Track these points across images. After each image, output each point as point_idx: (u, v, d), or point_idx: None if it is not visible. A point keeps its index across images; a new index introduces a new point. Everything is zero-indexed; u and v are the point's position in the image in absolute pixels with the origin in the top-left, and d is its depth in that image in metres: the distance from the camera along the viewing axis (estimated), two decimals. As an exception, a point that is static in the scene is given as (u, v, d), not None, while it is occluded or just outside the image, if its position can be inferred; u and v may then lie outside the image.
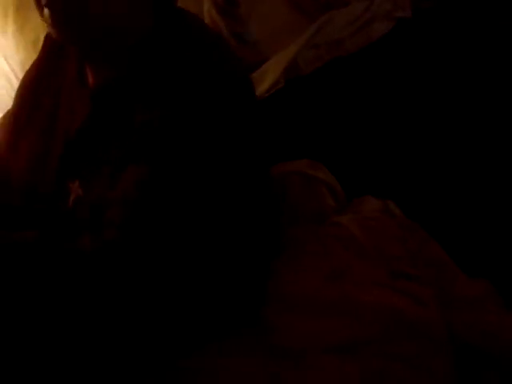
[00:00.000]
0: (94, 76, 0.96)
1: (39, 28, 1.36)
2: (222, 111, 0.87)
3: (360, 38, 1.60)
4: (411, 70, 1.53)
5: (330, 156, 1.30)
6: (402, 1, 1.70)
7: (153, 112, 0.86)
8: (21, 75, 1.37)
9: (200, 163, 0.85)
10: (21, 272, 0.81)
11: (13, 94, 1.37)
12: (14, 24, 1.37)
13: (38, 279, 0.81)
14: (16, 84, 1.36)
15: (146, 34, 0.91)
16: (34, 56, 1.35)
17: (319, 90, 1.50)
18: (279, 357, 0.93)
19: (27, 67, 1.36)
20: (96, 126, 0.93)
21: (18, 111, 1.08)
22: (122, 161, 0.87)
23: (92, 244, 0.82)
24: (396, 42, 1.61)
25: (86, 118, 0.94)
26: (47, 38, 1.09)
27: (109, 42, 0.91)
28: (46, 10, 0.88)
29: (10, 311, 0.81)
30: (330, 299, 0.97)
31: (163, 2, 0.93)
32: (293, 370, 0.92)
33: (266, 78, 1.48)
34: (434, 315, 0.96)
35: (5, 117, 1.11)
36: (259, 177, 0.98)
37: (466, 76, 1.48)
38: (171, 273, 0.85)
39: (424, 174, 1.31)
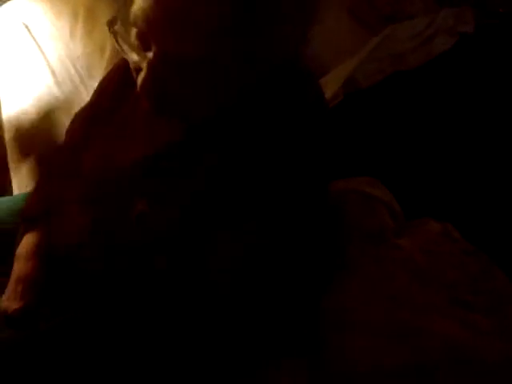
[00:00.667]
0: None
1: (107, 33, 1.37)
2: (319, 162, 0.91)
3: (423, 52, 1.58)
4: (474, 86, 1.50)
5: (389, 173, 1.28)
6: (465, 16, 1.67)
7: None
8: (87, 79, 1.39)
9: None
10: None
11: (77, 96, 1.40)
12: (83, 28, 1.38)
13: None
14: (81, 87, 1.39)
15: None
16: (101, 61, 1.38)
17: (378, 104, 1.47)
18: (333, 379, 0.92)
19: (93, 72, 1.40)
20: (176, 155, 0.92)
21: (96, 109, 1.07)
22: (202, 199, 0.88)
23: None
24: (459, 57, 1.58)
25: (167, 143, 0.93)
26: None
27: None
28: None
29: None
30: (388, 324, 0.95)
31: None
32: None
33: (326, 91, 1.46)
34: (495, 347, 0.94)
35: (83, 110, 1.11)
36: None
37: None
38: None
39: (485, 197, 1.28)
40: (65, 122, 1.37)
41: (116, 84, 1.05)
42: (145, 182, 0.94)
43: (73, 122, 1.13)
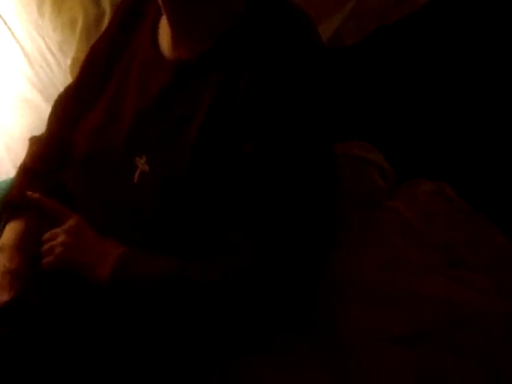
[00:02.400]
0: (177, 50, 0.95)
1: (75, 9, 1.34)
2: (315, 91, 0.89)
3: (404, 5, 1.55)
4: (460, 37, 1.47)
5: (379, 135, 1.27)
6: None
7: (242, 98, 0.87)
8: (58, 56, 1.36)
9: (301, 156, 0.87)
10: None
11: (50, 73, 1.37)
12: (51, 6, 1.33)
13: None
14: (54, 64, 1.35)
15: (237, 13, 0.91)
16: (71, 37, 1.35)
17: (364, 62, 1.45)
18: (336, 348, 0.92)
19: (65, 48, 1.36)
20: (171, 101, 0.93)
21: (82, 85, 1.08)
22: (200, 141, 0.89)
23: (222, 275, 0.84)
24: (441, 9, 1.55)
25: (160, 91, 0.94)
26: (117, 10, 1.08)
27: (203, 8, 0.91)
28: None
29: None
30: (386, 289, 0.96)
31: None
32: (350, 361, 0.91)
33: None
34: (495, 305, 0.94)
35: (66, 91, 1.12)
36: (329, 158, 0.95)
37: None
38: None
39: (477, 153, 1.27)
40: (40, 102, 1.34)
41: (103, 55, 1.05)
42: (142, 138, 0.94)
43: (58, 104, 1.12)
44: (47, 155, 1.08)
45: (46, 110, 1.20)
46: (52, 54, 1.35)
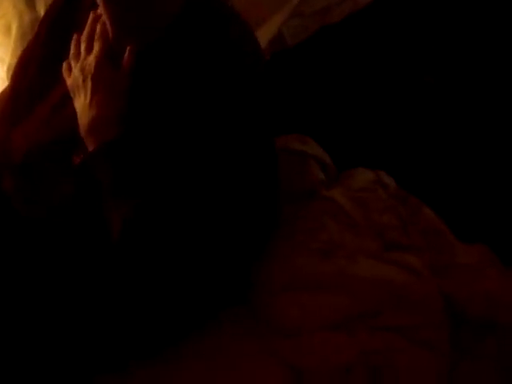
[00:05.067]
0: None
1: (10, 13, 1.37)
2: (241, 90, 0.95)
3: (347, 4, 1.60)
4: (400, 37, 1.53)
5: (319, 129, 1.31)
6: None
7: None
8: (-5, 62, 1.38)
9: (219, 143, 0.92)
10: None
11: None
12: (-16, 11, 1.37)
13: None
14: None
15: (174, 15, 0.98)
16: (7, 41, 1.37)
17: (305, 61, 1.50)
18: (277, 335, 0.95)
19: (1, 54, 1.38)
20: None
21: (17, 90, 1.11)
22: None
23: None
24: (384, 8, 1.60)
25: None
26: (48, 12, 1.12)
27: (146, 8, 0.97)
28: None
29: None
30: (323, 275, 0.99)
31: None
32: (290, 348, 0.94)
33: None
34: (429, 285, 0.98)
35: (2, 96, 1.14)
36: (266, 153, 1.00)
37: (455, 42, 1.48)
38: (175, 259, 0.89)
39: (415, 141, 1.33)
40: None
41: (37, 59, 1.08)
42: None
43: None
44: None
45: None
46: (-11, 59, 1.38)
